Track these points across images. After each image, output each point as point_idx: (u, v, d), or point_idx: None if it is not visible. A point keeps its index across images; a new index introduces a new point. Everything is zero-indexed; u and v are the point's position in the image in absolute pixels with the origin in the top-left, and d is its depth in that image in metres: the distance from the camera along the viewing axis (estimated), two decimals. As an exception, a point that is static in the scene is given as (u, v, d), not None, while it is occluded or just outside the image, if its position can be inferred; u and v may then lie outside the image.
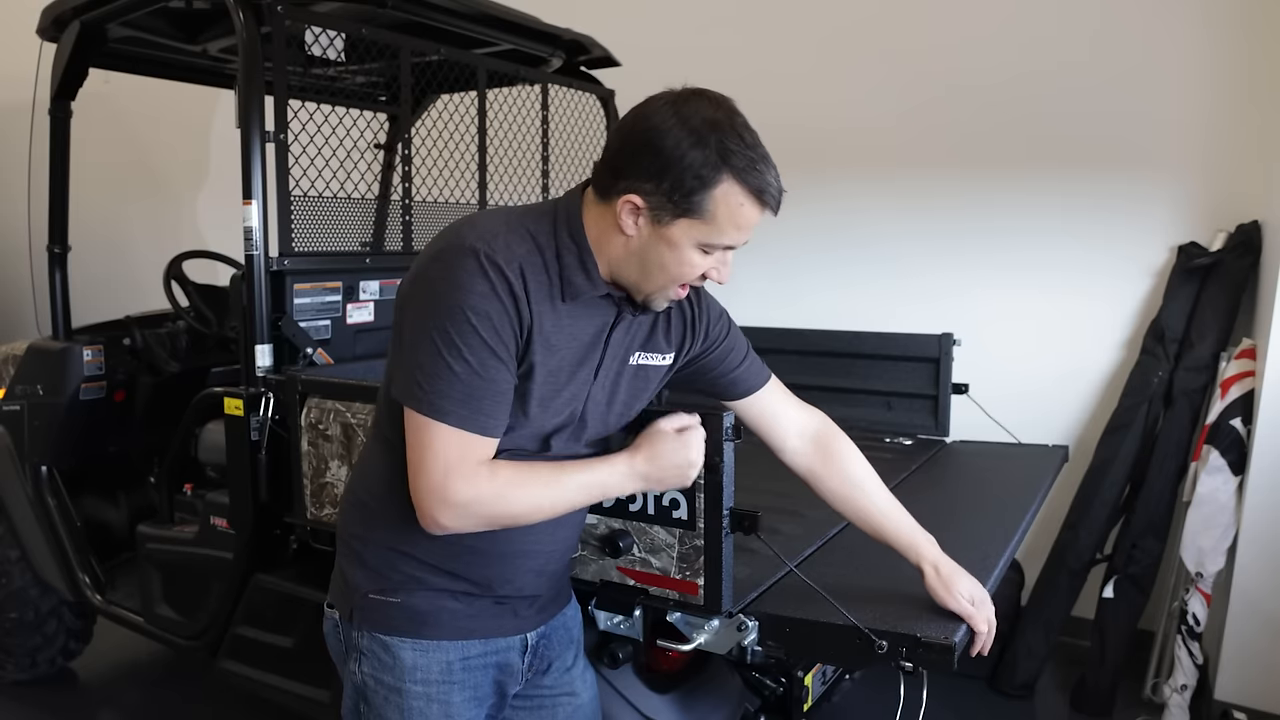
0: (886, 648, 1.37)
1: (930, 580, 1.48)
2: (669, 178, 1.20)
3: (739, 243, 1.27)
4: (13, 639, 3.05)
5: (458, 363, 1.20)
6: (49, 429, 2.90)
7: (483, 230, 1.24)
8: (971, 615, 1.44)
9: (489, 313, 1.20)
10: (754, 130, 1.25)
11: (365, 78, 3.24)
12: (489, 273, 1.20)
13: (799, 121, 3.78)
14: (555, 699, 1.57)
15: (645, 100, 1.26)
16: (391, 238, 3.17)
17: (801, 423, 1.59)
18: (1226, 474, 2.74)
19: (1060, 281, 3.36)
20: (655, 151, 1.20)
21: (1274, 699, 2.77)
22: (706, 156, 1.19)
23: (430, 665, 1.38)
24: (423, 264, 1.26)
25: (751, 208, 1.23)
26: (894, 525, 1.53)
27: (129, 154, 5.61)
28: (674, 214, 1.22)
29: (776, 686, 2.21)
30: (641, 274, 1.29)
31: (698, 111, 1.21)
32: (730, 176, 1.21)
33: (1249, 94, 3.01)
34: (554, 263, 1.28)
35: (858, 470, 1.56)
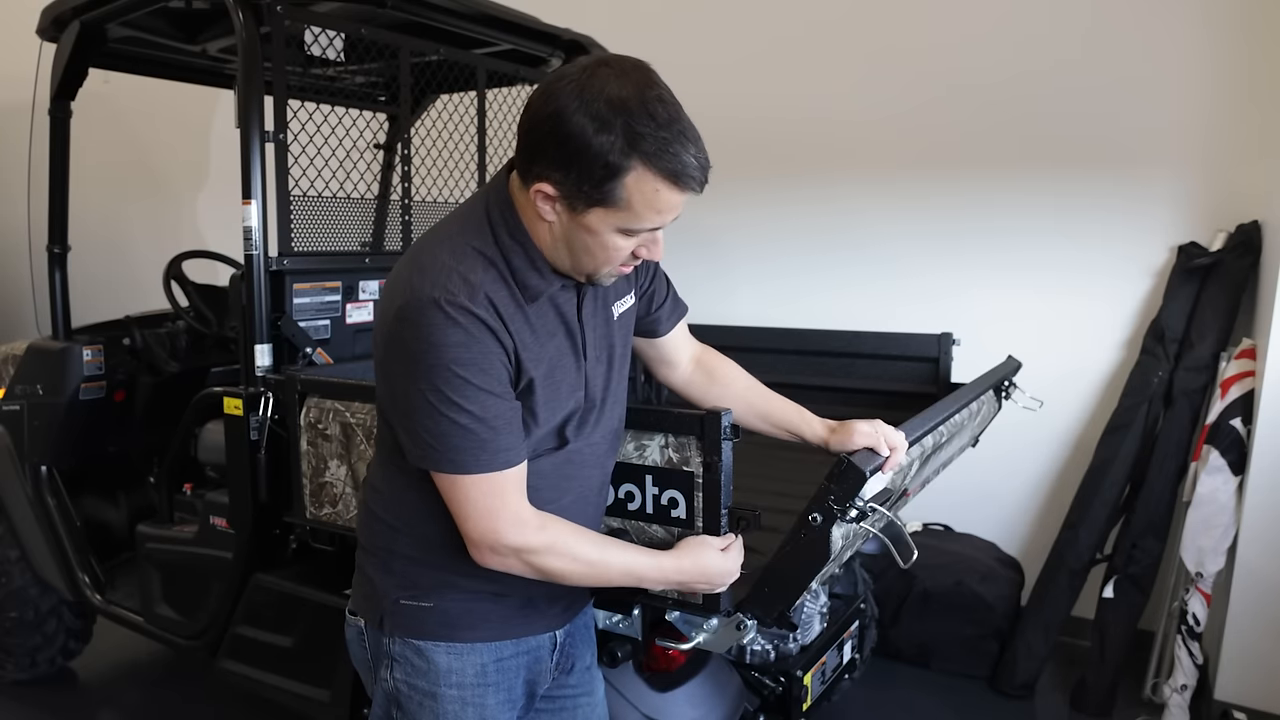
0: (819, 516, 1.38)
1: (831, 440, 1.55)
2: (575, 167, 1.14)
3: (663, 224, 1.22)
4: (12, 638, 3.05)
5: (460, 416, 1.19)
6: (49, 429, 2.90)
7: (433, 273, 1.19)
8: (875, 441, 1.49)
9: (473, 360, 1.18)
10: (671, 102, 1.15)
11: (365, 78, 3.24)
12: (459, 320, 1.17)
13: (798, 121, 3.78)
14: (576, 699, 1.58)
15: (553, 76, 1.17)
16: (391, 238, 3.17)
17: (691, 351, 1.66)
18: (1226, 474, 2.74)
19: (1060, 281, 3.37)
20: (560, 139, 1.13)
21: (1274, 699, 2.77)
22: (613, 143, 1.11)
23: (465, 668, 1.38)
24: (389, 324, 1.22)
25: (669, 191, 1.16)
26: (785, 413, 1.62)
27: (129, 154, 5.62)
28: (587, 203, 1.17)
29: (776, 686, 2.22)
30: (572, 260, 1.26)
31: (602, 90, 1.11)
32: (640, 163, 1.13)
33: (1249, 93, 3.01)
34: (507, 271, 1.24)
35: (740, 377, 1.66)
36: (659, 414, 1.51)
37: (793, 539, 1.43)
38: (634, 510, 1.56)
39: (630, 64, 1.16)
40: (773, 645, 2.27)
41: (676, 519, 1.51)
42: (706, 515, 1.47)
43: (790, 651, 2.29)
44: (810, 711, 2.28)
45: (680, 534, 1.52)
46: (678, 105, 1.16)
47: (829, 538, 1.40)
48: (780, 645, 2.28)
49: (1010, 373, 2.44)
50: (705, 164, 1.17)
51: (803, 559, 1.44)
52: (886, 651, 3.27)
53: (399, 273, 1.26)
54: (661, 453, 1.51)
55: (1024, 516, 3.56)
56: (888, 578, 3.20)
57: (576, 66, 1.15)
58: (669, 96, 1.15)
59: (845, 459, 1.37)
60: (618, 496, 1.56)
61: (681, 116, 1.15)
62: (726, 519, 1.47)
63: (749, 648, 2.25)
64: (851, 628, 2.57)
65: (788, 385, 1.71)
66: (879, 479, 1.45)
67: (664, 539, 1.54)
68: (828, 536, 1.40)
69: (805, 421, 1.60)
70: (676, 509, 1.51)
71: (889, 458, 1.48)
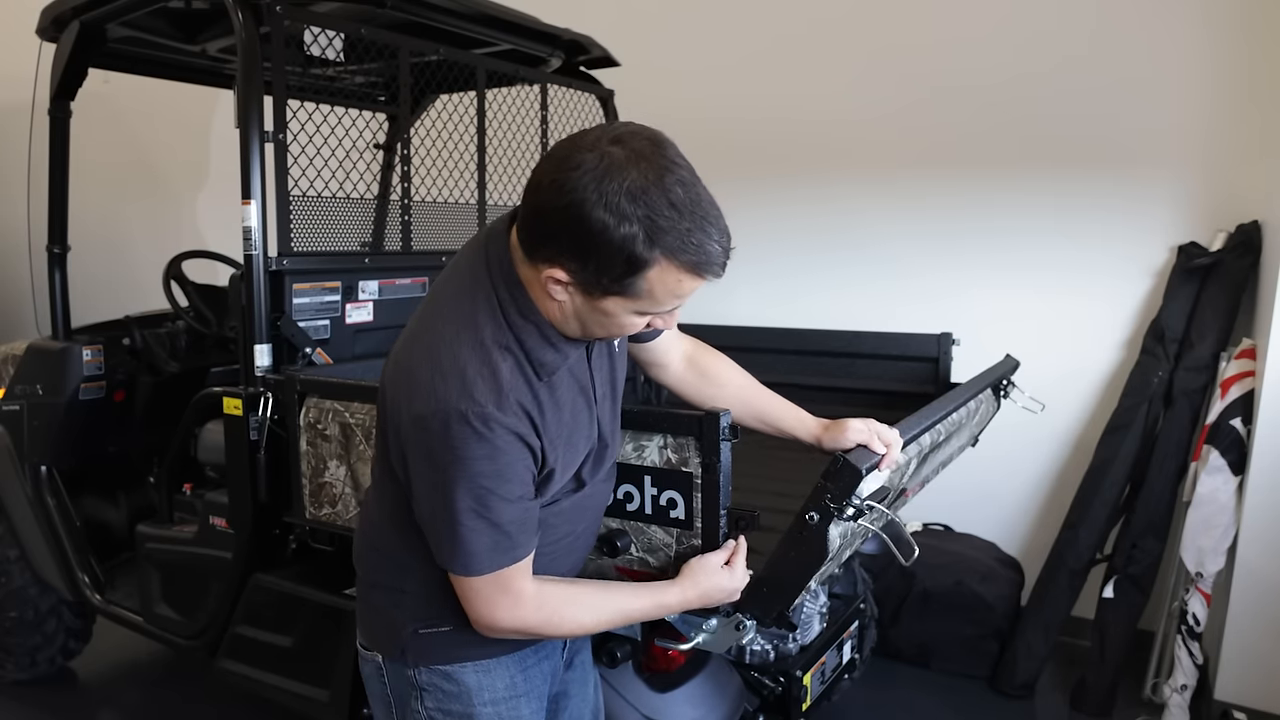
0: (816, 515, 1.38)
1: (825, 438, 1.54)
2: (594, 261, 1.09)
3: (680, 305, 1.20)
4: (12, 638, 3.05)
5: (480, 524, 1.18)
6: (49, 429, 2.90)
7: (459, 380, 1.15)
8: (869, 438, 1.48)
9: (498, 471, 1.16)
10: (690, 182, 1.10)
11: (364, 78, 3.24)
12: (486, 435, 1.14)
13: (798, 121, 3.78)
14: (573, 693, 1.60)
15: (566, 157, 1.09)
16: (391, 238, 3.18)
17: (682, 349, 1.63)
18: (1226, 474, 2.74)
19: (1060, 281, 3.36)
20: (576, 232, 1.08)
21: (1274, 699, 2.77)
22: (634, 237, 1.06)
23: (495, 684, 1.39)
24: (409, 427, 1.18)
25: (691, 280, 1.13)
26: (778, 412, 1.61)
27: (129, 154, 5.62)
28: (604, 292, 1.13)
29: (775, 686, 2.22)
30: (583, 331, 1.22)
31: (622, 181, 1.05)
32: (663, 257, 1.09)
33: (1249, 94, 3.01)
34: (522, 356, 1.21)
35: (733, 376, 1.63)
36: (658, 415, 1.51)
37: (790, 538, 1.43)
38: (633, 511, 1.56)
39: (646, 143, 1.09)
40: (772, 645, 2.27)
41: (675, 520, 1.51)
42: (705, 516, 1.47)
43: (790, 651, 2.29)
44: (810, 711, 2.28)
45: (679, 535, 1.52)
46: (696, 183, 1.11)
47: (826, 537, 1.40)
48: (780, 645, 2.28)
49: (1008, 372, 2.43)
50: (727, 248, 1.14)
51: (801, 558, 1.44)
52: (886, 651, 3.27)
53: (414, 364, 1.19)
54: (660, 453, 1.51)
55: (1024, 516, 3.56)
56: (887, 578, 3.20)
57: (592, 152, 1.07)
58: (688, 176, 1.10)
59: (841, 457, 1.37)
60: (616, 497, 1.56)
61: (701, 197, 1.11)
62: (725, 519, 1.47)
63: (748, 648, 2.25)
64: (851, 628, 2.57)
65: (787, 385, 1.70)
66: (875, 477, 1.45)
67: (663, 540, 1.54)
68: (825, 535, 1.40)
69: (799, 420, 1.60)
70: (675, 509, 1.51)
71: (885, 455, 1.48)
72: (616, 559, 1.59)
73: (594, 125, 1.14)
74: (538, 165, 1.14)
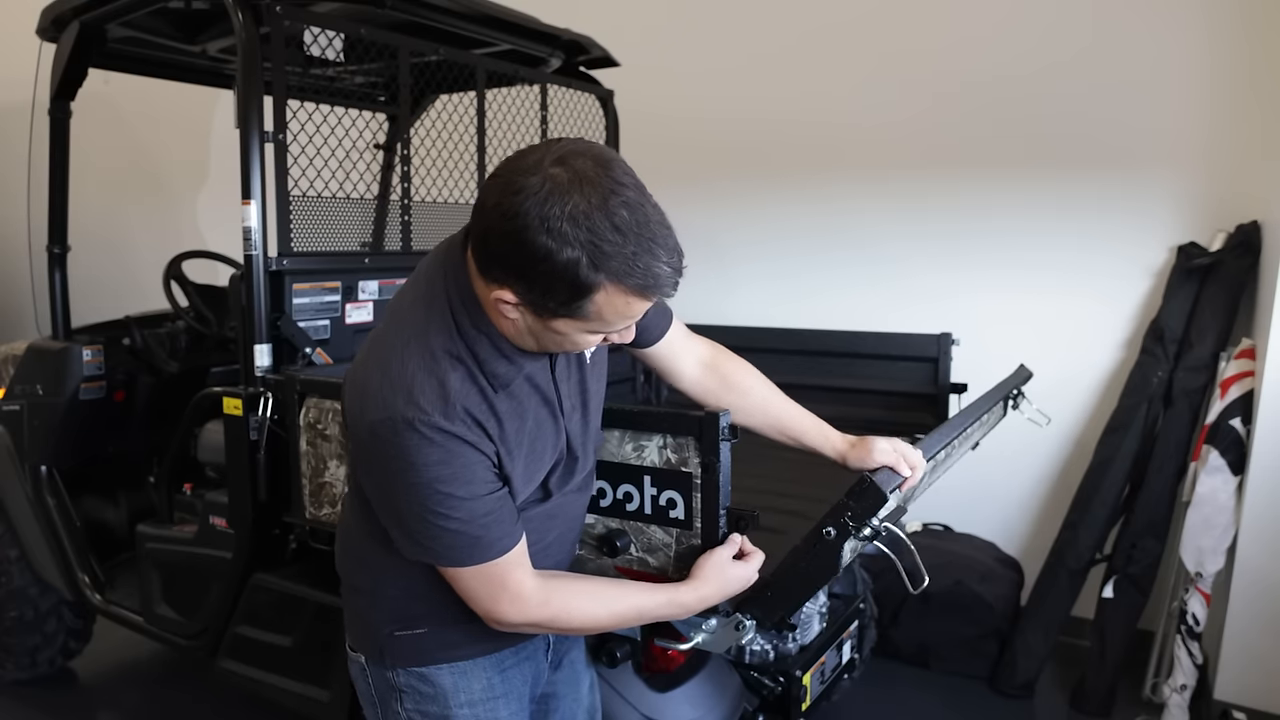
0: (834, 530, 1.37)
1: (850, 456, 1.52)
2: (539, 286, 1.08)
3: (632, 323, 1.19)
4: (12, 638, 3.05)
5: (450, 523, 1.18)
6: (49, 429, 2.90)
7: (406, 387, 1.15)
8: (895, 460, 1.47)
9: (454, 475, 1.16)
10: (636, 204, 1.07)
11: (364, 78, 3.24)
12: (436, 440, 1.14)
13: (798, 121, 3.78)
14: (563, 695, 1.60)
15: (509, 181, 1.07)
16: (391, 238, 3.18)
17: (697, 352, 1.60)
18: (1226, 474, 2.74)
19: (1060, 281, 3.36)
20: (520, 257, 1.06)
21: (1274, 699, 2.77)
22: (578, 262, 1.04)
23: (472, 685, 1.39)
24: (362, 434, 1.19)
25: (639, 301, 1.11)
26: (803, 426, 1.58)
27: (129, 154, 5.62)
28: (552, 314, 1.12)
29: (775, 686, 2.22)
30: (539, 346, 1.22)
31: (564, 207, 1.03)
32: (609, 281, 1.07)
33: (1249, 93, 3.01)
34: (475, 366, 1.20)
35: (756, 386, 1.60)
36: (657, 415, 1.51)
37: (803, 550, 1.42)
38: (632, 511, 1.56)
39: (591, 163, 1.06)
40: (772, 645, 2.27)
41: (675, 520, 1.51)
42: (705, 516, 1.47)
43: (789, 651, 2.29)
44: (809, 711, 2.28)
45: (679, 535, 1.52)
46: (643, 203, 1.08)
47: (840, 553, 1.40)
48: (779, 645, 2.28)
49: (1021, 382, 2.43)
50: (678, 267, 1.11)
51: (811, 570, 1.43)
52: (886, 651, 3.27)
53: (368, 376, 1.20)
54: (660, 453, 1.51)
55: (1024, 516, 3.56)
56: (887, 578, 3.19)
57: (535, 175, 1.05)
58: (634, 196, 1.07)
59: (868, 478, 1.36)
60: (616, 497, 1.56)
61: (649, 217, 1.07)
62: (725, 519, 1.47)
63: (748, 648, 2.25)
64: (851, 627, 2.57)
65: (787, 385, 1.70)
66: (894, 497, 1.45)
67: (663, 540, 1.54)
68: (839, 552, 1.39)
69: (824, 435, 1.57)
70: (675, 509, 1.51)
71: (908, 478, 1.47)
72: (616, 559, 1.59)
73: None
74: (484, 185, 1.12)
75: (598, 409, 1.45)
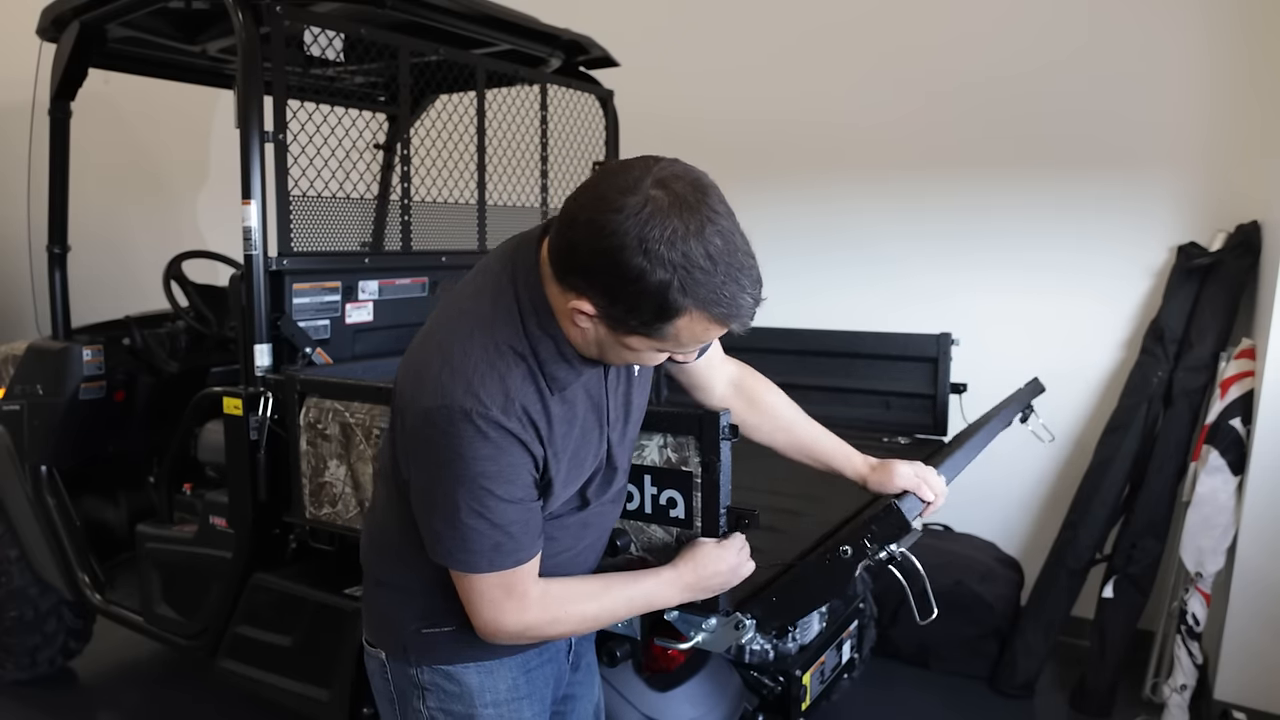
0: (850, 549, 1.37)
1: (870, 478, 1.53)
2: (624, 302, 1.09)
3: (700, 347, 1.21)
4: (12, 638, 3.05)
5: (480, 524, 1.18)
6: (49, 429, 2.90)
7: (466, 378, 1.15)
8: (917, 485, 1.48)
9: (499, 472, 1.16)
10: (728, 231, 1.09)
11: (364, 78, 3.24)
12: (490, 435, 1.14)
13: (798, 122, 3.78)
14: (580, 696, 1.60)
15: (605, 196, 1.07)
16: (391, 238, 3.18)
17: (726, 372, 1.61)
18: (1226, 474, 2.74)
19: (1060, 281, 3.37)
20: (611, 273, 1.07)
21: (1274, 699, 2.77)
22: (669, 285, 1.05)
23: (497, 685, 1.39)
24: (414, 419, 1.19)
25: (717, 328, 1.13)
26: (826, 448, 1.59)
27: (129, 154, 5.62)
28: (630, 331, 1.13)
29: (775, 685, 2.22)
30: (602, 357, 1.22)
31: (663, 230, 1.04)
32: (695, 308, 1.08)
33: (1249, 93, 3.01)
34: (535, 366, 1.20)
35: (783, 408, 1.60)
36: (657, 415, 1.51)
37: (817, 565, 1.42)
38: (632, 510, 1.56)
39: (690, 188, 1.07)
40: (772, 645, 2.27)
41: (675, 519, 1.51)
42: (705, 515, 1.48)
43: (789, 651, 2.29)
44: (809, 711, 2.28)
45: (679, 534, 1.52)
46: (735, 232, 1.10)
47: (853, 572, 1.39)
48: (779, 645, 2.28)
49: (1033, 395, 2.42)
50: (759, 297, 1.14)
51: (821, 585, 1.44)
52: (886, 651, 3.27)
53: (427, 359, 1.20)
54: (660, 453, 1.51)
55: (1024, 516, 3.56)
56: (887, 577, 3.19)
57: (635, 194, 1.05)
58: (728, 225, 1.09)
59: (894, 505, 1.35)
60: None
61: (738, 247, 1.10)
62: (725, 519, 1.47)
63: (748, 647, 2.25)
64: (850, 627, 2.57)
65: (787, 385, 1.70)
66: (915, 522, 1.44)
67: (663, 539, 1.54)
68: (853, 571, 1.39)
69: (846, 458, 1.57)
70: (675, 509, 1.51)
71: (932, 503, 1.47)
72: (616, 558, 1.59)
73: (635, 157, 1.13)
74: (574, 196, 1.12)
75: (638, 422, 1.45)
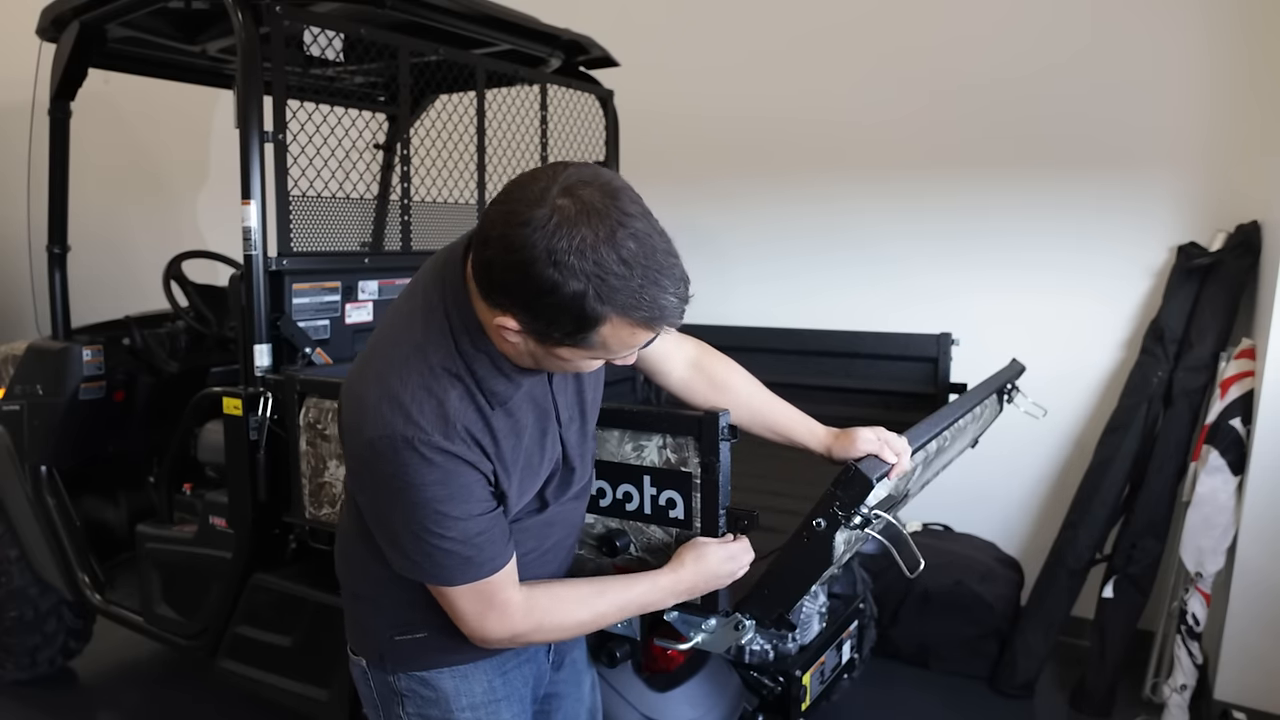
0: (824, 521, 1.38)
1: (835, 447, 1.53)
2: (544, 316, 1.07)
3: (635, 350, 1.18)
4: (12, 638, 3.05)
5: (444, 543, 1.18)
6: (49, 429, 2.90)
7: (404, 407, 1.14)
8: (879, 448, 1.48)
9: (451, 495, 1.16)
10: (644, 234, 1.06)
11: (364, 78, 3.24)
12: (435, 459, 1.14)
13: (798, 121, 3.78)
14: (564, 695, 1.60)
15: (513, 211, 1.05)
16: (390, 238, 3.18)
17: (684, 354, 1.59)
18: (1226, 474, 2.74)
19: (1059, 281, 3.36)
20: (525, 288, 1.05)
21: (1274, 699, 2.77)
22: (584, 295, 1.03)
23: (473, 689, 1.39)
24: (361, 450, 1.17)
25: (644, 332, 1.10)
26: (786, 419, 1.59)
27: (129, 154, 5.62)
28: (556, 342, 1.11)
29: (774, 685, 2.22)
30: (539, 367, 1.22)
31: (571, 240, 1.02)
32: (615, 314, 1.06)
33: (1249, 93, 3.01)
34: (473, 384, 1.19)
35: (740, 383, 1.60)
36: (657, 415, 1.51)
37: (795, 543, 1.43)
38: (632, 511, 1.56)
39: (598, 193, 1.05)
40: (771, 645, 2.27)
41: (675, 519, 1.51)
42: (704, 516, 1.47)
43: (789, 651, 2.29)
44: (809, 711, 2.28)
45: (679, 534, 1.52)
46: (650, 234, 1.07)
47: (832, 543, 1.40)
48: (779, 645, 2.28)
49: (1014, 376, 2.43)
50: (684, 296, 1.10)
51: (804, 563, 1.44)
52: (886, 651, 3.27)
53: (365, 390, 1.18)
54: (659, 453, 1.51)
55: (1024, 516, 3.56)
56: (887, 578, 3.20)
57: (542, 206, 1.03)
58: (642, 226, 1.06)
59: (853, 466, 1.37)
60: (616, 497, 1.56)
61: (656, 248, 1.06)
62: (725, 519, 1.47)
63: (748, 648, 2.25)
64: (850, 627, 2.57)
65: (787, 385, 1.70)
66: (883, 485, 1.45)
67: (662, 540, 1.54)
68: (830, 542, 1.40)
69: (809, 429, 1.58)
70: (674, 509, 1.51)
71: (895, 465, 1.47)
72: (616, 559, 1.59)
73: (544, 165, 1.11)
74: (487, 212, 1.10)
75: (593, 415, 1.45)
